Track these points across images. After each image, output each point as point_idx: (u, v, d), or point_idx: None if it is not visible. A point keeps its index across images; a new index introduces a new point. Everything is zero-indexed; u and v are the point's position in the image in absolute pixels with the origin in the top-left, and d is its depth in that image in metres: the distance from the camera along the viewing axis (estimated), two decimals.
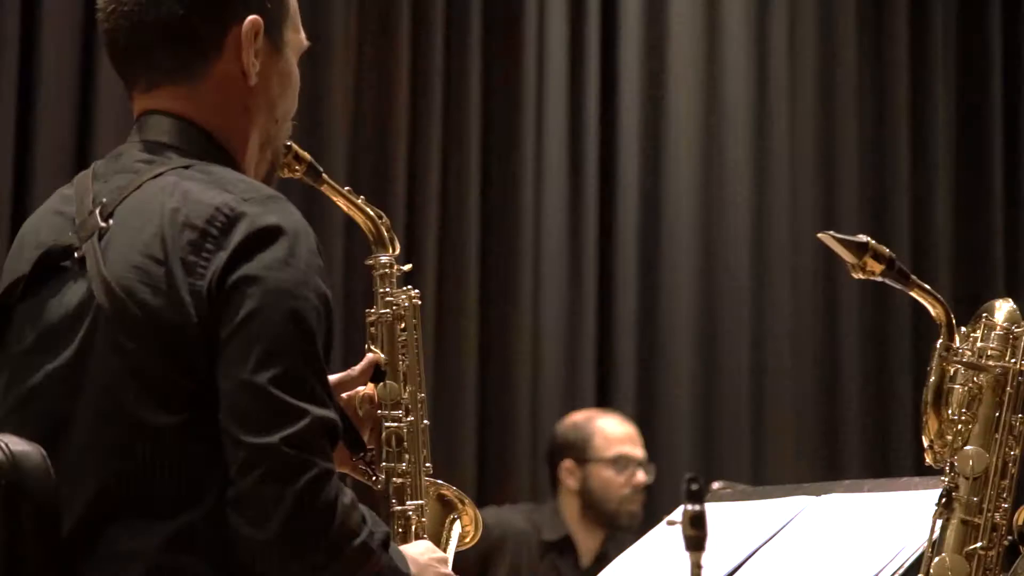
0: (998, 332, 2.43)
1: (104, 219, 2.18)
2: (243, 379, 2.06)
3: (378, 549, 2.12)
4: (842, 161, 6.73)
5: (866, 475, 5.28)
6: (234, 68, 2.26)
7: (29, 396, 2.18)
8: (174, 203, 2.14)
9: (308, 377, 2.09)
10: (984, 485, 2.37)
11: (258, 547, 2.06)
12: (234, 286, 2.08)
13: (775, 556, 2.56)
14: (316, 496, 2.05)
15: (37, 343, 2.19)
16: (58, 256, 2.20)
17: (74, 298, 2.17)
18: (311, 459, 2.05)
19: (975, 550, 2.34)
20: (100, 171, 2.27)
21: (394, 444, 2.44)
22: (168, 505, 2.10)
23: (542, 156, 6.12)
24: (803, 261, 6.57)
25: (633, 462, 5.22)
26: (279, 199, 2.18)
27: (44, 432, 2.15)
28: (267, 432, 2.05)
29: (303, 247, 2.13)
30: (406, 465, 2.44)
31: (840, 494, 2.69)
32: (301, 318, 2.10)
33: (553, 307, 6.08)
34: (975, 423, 2.40)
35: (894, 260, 2.42)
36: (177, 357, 2.10)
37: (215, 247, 2.10)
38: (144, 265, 2.12)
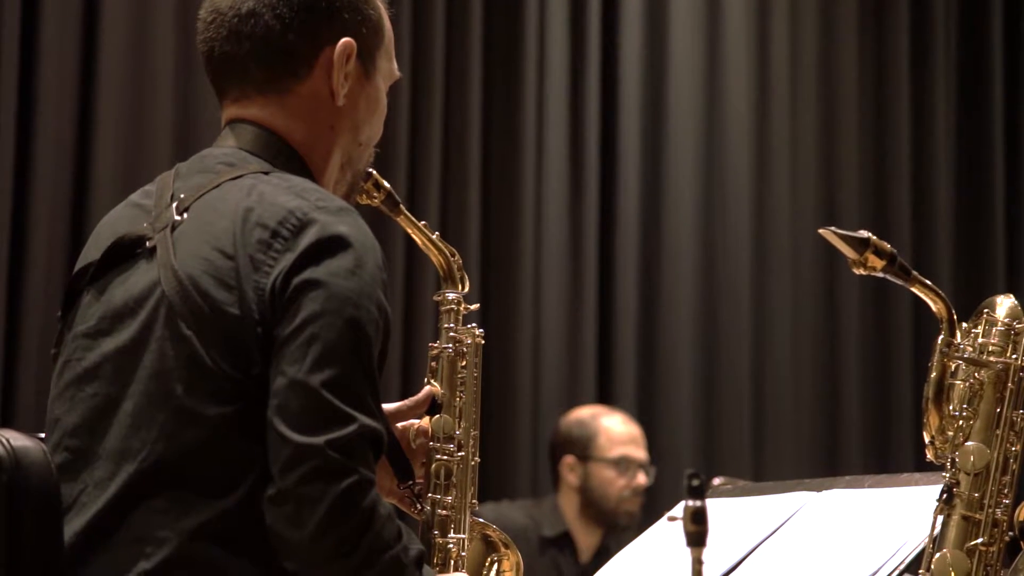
0: (999, 328, 2.43)
1: (180, 213, 2.23)
2: (296, 378, 2.10)
3: (411, 565, 2.15)
4: (843, 156, 6.72)
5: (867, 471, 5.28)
6: (323, 87, 2.33)
7: (83, 376, 2.22)
8: (249, 203, 2.19)
9: (360, 385, 2.13)
10: (985, 481, 2.37)
11: (292, 546, 2.09)
12: (298, 288, 2.13)
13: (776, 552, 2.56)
14: (354, 502, 2.08)
15: (98, 326, 2.24)
16: (130, 245, 2.26)
17: (140, 284, 2.22)
18: (353, 465, 2.09)
19: (976, 546, 2.34)
20: (183, 171, 2.33)
21: (442, 477, 2.47)
22: (200, 495, 2.13)
23: (543, 150, 6.12)
24: (804, 257, 6.57)
25: (635, 464, 5.22)
26: (351, 211, 2.22)
27: (92, 413, 2.20)
28: (314, 433, 2.08)
29: (370, 260, 2.17)
30: (452, 499, 2.47)
31: (841, 490, 2.69)
32: (360, 327, 2.13)
33: (554, 302, 6.08)
34: (976, 419, 2.40)
35: (895, 256, 2.42)
36: (233, 350, 2.13)
37: (283, 248, 2.15)
38: (212, 258, 2.17)
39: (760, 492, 2.81)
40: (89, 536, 2.16)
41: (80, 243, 2.37)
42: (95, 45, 5.11)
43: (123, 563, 2.13)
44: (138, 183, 2.43)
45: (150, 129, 5.15)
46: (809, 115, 6.70)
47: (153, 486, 2.14)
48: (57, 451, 2.21)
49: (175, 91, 5.20)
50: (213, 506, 2.13)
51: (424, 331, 5.55)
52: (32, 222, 4.95)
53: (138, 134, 5.13)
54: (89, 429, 2.20)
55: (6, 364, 4.92)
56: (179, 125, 5.17)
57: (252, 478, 2.12)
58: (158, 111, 5.18)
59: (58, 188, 5.01)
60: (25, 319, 4.91)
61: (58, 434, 2.23)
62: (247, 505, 2.12)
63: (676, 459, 6.01)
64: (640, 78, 6.38)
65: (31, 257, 4.94)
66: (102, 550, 2.15)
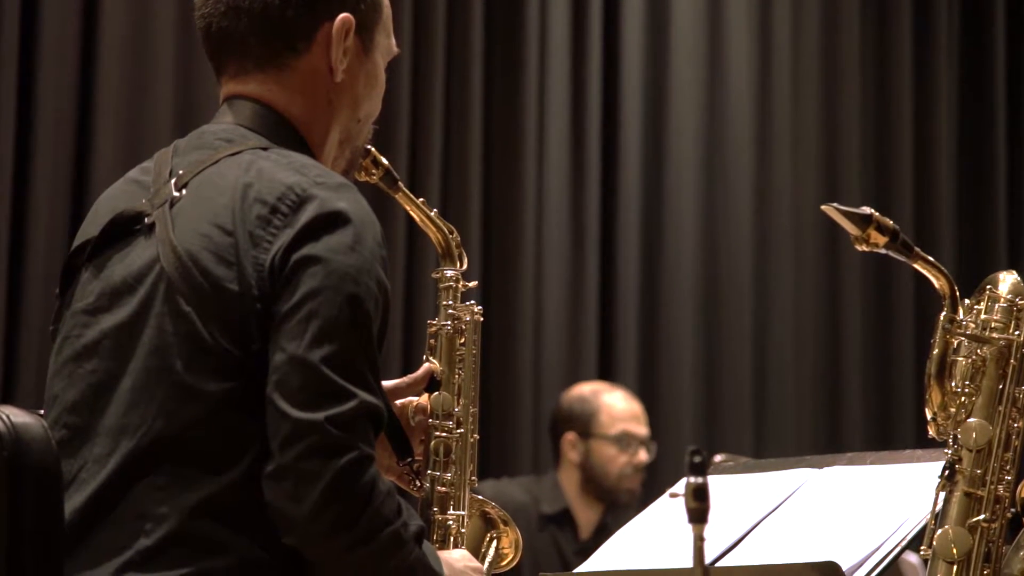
0: (1002, 304, 2.43)
1: (178, 189, 2.23)
2: (296, 354, 2.09)
3: (411, 541, 2.15)
4: (845, 134, 6.72)
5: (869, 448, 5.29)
6: (322, 63, 2.32)
7: (82, 353, 2.22)
8: (248, 179, 2.19)
9: (360, 362, 2.13)
10: (987, 457, 2.37)
11: (292, 521, 2.10)
12: (297, 264, 2.12)
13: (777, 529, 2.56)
14: (354, 478, 2.08)
15: (97, 302, 2.24)
16: (129, 221, 2.25)
17: (139, 260, 2.21)
18: (353, 441, 2.09)
19: (978, 522, 2.34)
20: (181, 147, 2.32)
21: (441, 454, 2.46)
22: (200, 471, 2.13)
23: (544, 129, 6.11)
24: (806, 234, 6.57)
25: (636, 440, 5.22)
26: (350, 187, 2.22)
27: (91, 389, 2.20)
28: (314, 409, 2.08)
29: (369, 236, 2.17)
30: (451, 476, 2.46)
31: (842, 467, 2.69)
32: (360, 303, 2.13)
33: (555, 280, 6.08)
34: (978, 395, 2.40)
35: (898, 232, 2.41)
36: (232, 326, 2.13)
37: (283, 224, 2.14)
38: (212, 234, 2.16)
39: (761, 469, 2.81)
40: (89, 513, 2.16)
41: (81, 220, 2.37)
42: (96, 22, 5.10)
43: (123, 540, 2.13)
44: (139, 160, 2.42)
45: (151, 106, 5.14)
46: (811, 93, 6.69)
47: (152, 462, 2.14)
48: (56, 428, 2.20)
49: (176, 67, 5.19)
50: (213, 482, 2.13)
51: (425, 309, 5.55)
52: (33, 200, 4.95)
53: (139, 111, 5.12)
54: (88, 406, 2.20)
55: (7, 341, 4.92)
56: (180, 102, 5.16)
57: (252, 454, 2.12)
58: (159, 88, 5.17)
59: (59, 166, 5.00)
60: (26, 296, 4.91)
61: (57, 411, 2.23)
62: (247, 481, 2.12)
63: (677, 436, 6.02)
64: (642, 57, 6.37)
65: (32, 234, 4.94)
66: (102, 527, 2.15)
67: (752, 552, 2.51)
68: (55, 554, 2.13)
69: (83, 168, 5.03)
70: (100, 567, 2.13)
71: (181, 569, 2.11)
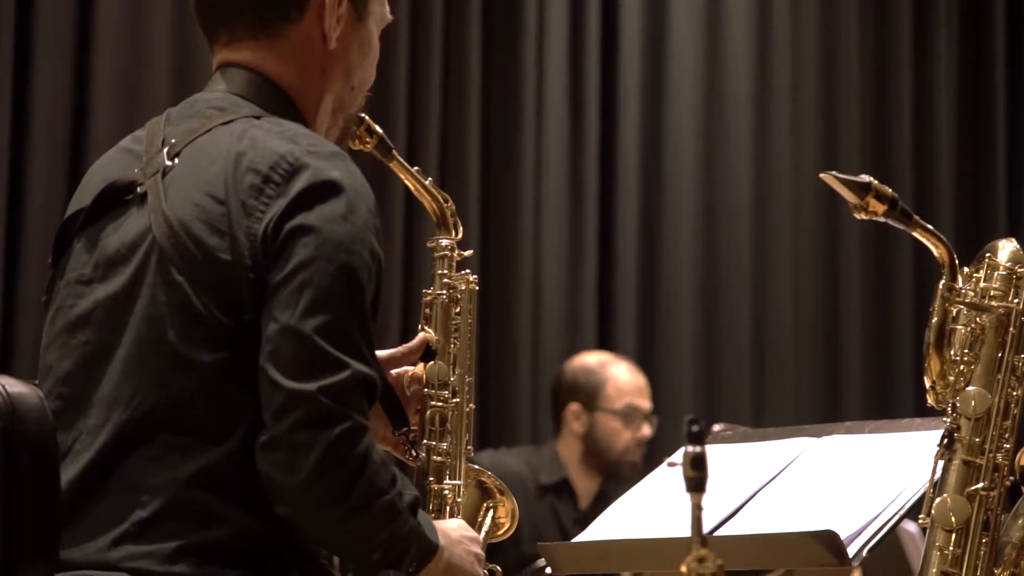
0: (1001, 272, 2.42)
1: (170, 158, 2.22)
2: (288, 325, 2.09)
3: (405, 511, 2.15)
4: (844, 102, 6.70)
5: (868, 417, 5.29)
6: (315, 30, 2.31)
7: (75, 323, 2.22)
8: (240, 148, 2.18)
9: (353, 332, 2.12)
10: (986, 426, 2.36)
11: (285, 492, 2.09)
12: (290, 234, 2.12)
13: (776, 497, 2.56)
14: (347, 448, 2.08)
15: (90, 273, 2.23)
16: (121, 190, 2.25)
17: (132, 231, 2.21)
18: (346, 411, 2.08)
19: (977, 491, 2.34)
20: (173, 116, 2.31)
21: (437, 423, 2.46)
22: (194, 442, 2.13)
23: (543, 101, 6.10)
24: (805, 203, 6.56)
25: (640, 414, 5.22)
26: (344, 156, 2.21)
27: (85, 360, 2.20)
28: (306, 379, 2.07)
29: (362, 205, 2.16)
30: (447, 446, 2.46)
31: (841, 435, 2.69)
32: (353, 273, 2.12)
33: (554, 251, 6.07)
34: (977, 364, 2.39)
35: (896, 200, 2.40)
36: (225, 296, 2.13)
37: (275, 193, 2.14)
38: (204, 203, 2.16)
39: (760, 438, 2.81)
40: (83, 485, 2.15)
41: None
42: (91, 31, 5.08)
43: (119, 512, 2.13)
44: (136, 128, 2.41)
45: (148, 74, 5.12)
46: (810, 61, 6.68)
47: (146, 433, 2.14)
48: (50, 399, 2.20)
49: (173, 37, 5.17)
50: (208, 453, 2.12)
51: (422, 279, 5.54)
52: (30, 170, 4.94)
53: (136, 79, 5.10)
54: (82, 376, 2.19)
55: (4, 312, 4.91)
56: (176, 70, 5.14)
57: (246, 425, 2.12)
58: (155, 56, 5.15)
59: (55, 136, 4.98)
60: (23, 266, 4.90)
61: (51, 382, 2.23)
62: (242, 453, 2.11)
63: (676, 406, 6.02)
64: (641, 27, 6.35)
65: (29, 204, 4.93)
66: (97, 499, 2.15)
67: (751, 521, 2.51)
68: (52, 525, 2.13)
69: (79, 140, 5.01)
70: (96, 540, 2.13)
71: (177, 541, 2.11)
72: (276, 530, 2.14)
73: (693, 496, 1.72)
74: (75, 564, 2.13)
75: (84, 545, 2.14)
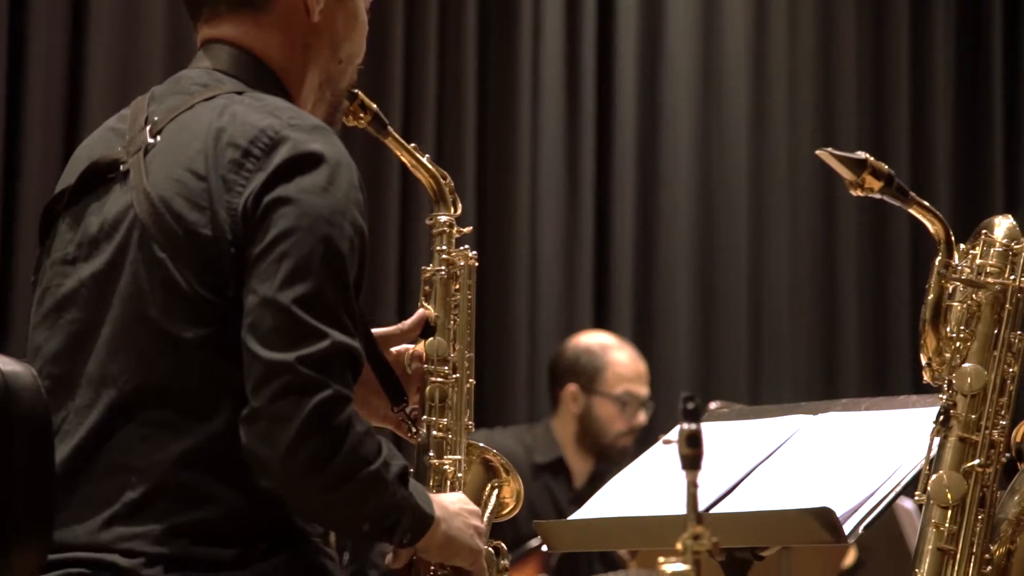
0: (997, 249, 2.42)
1: (153, 135, 2.21)
2: (267, 296, 2.07)
3: (392, 481, 2.12)
4: (842, 78, 6.69)
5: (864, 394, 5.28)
6: (297, 3, 2.29)
7: (62, 303, 2.21)
8: (221, 123, 2.16)
9: (333, 302, 2.10)
10: (982, 402, 2.36)
11: (266, 464, 2.08)
12: (269, 206, 2.10)
13: (772, 475, 2.56)
14: (328, 416, 2.06)
15: (75, 251, 2.22)
16: (104, 168, 2.24)
17: (114, 208, 2.20)
18: (326, 380, 2.06)
19: (973, 467, 2.34)
20: (157, 94, 2.30)
21: (437, 399, 2.44)
22: (182, 420, 2.12)
23: (539, 78, 6.08)
24: (801, 180, 6.55)
25: (636, 401, 5.21)
26: (325, 129, 2.19)
27: (72, 340, 2.19)
28: (285, 349, 2.06)
29: (344, 178, 2.14)
30: (447, 421, 2.44)
31: (837, 413, 2.68)
32: (333, 244, 2.11)
33: (551, 229, 6.06)
34: (973, 340, 2.39)
35: (893, 177, 2.40)
36: (207, 271, 2.12)
37: (255, 167, 2.12)
38: (185, 179, 2.15)
39: (756, 416, 2.81)
40: (73, 465, 2.15)
41: None
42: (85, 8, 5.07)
43: (109, 493, 2.13)
44: None
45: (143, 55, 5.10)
46: (807, 37, 6.66)
47: (134, 412, 2.13)
48: (39, 378, 2.18)
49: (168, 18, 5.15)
50: (196, 431, 2.12)
51: (420, 257, 5.53)
52: (24, 152, 4.92)
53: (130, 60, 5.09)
54: (69, 356, 2.18)
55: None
56: (172, 53, 5.12)
57: (235, 402, 2.10)
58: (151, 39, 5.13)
59: (49, 118, 4.97)
60: (17, 246, 4.89)
61: (39, 362, 2.22)
62: (230, 429, 2.10)
63: (673, 384, 6.01)
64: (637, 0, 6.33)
65: (23, 185, 4.91)
66: (86, 480, 2.14)
67: (747, 499, 2.51)
68: (48, 503, 2.12)
69: (74, 121, 4.99)
70: (86, 521, 2.13)
71: (168, 521, 2.10)
72: (268, 508, 2.13)
73: (689, 473, 1.72)
74: (66, 546, 2.12)
75: (75, 527, 2.13)
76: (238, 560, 2.11)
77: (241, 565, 2.11)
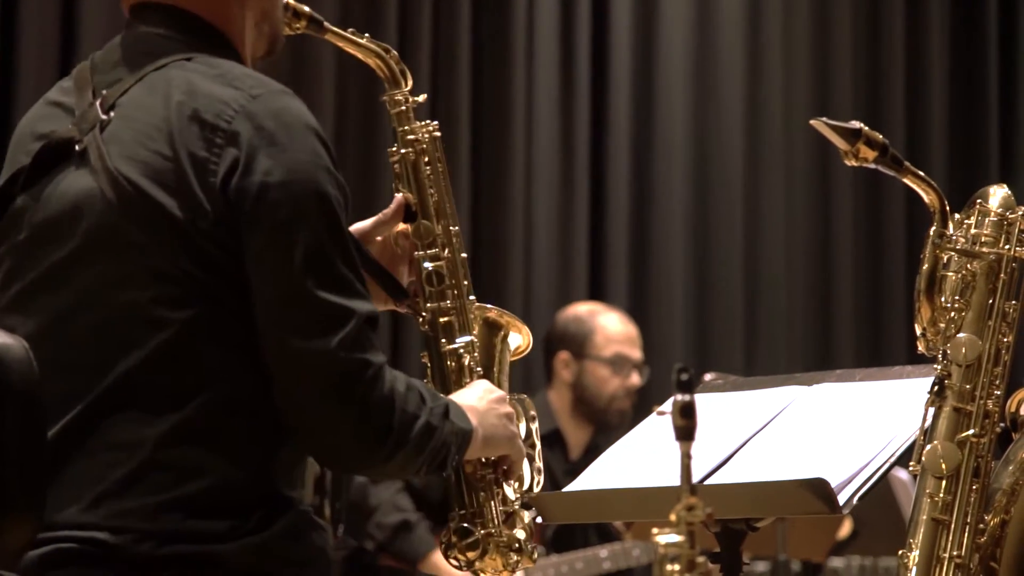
0: (992, 218, 2.41)
1: (105, 111, 2.17)
2: (289, 287, 2.09)
3: (440, 423, 2.19)
4: (837, 47, 6.67)
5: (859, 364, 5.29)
6: None
7: (32, 288, 2.18)
8: (179, 96, 2.14)
9: (346, 273, 2.12)
10: (977, 372, 2.36)
11: (331, 452, 2.16)
12: (260, 194, 2.09)
13: (766, 446, 2.55)
14: (377, 395, 2.10)
15: (39, 235, 2.19)
16: (59, 148, 2.19)
17: (77, 190, 2.16)
18: (365, 358, 2.10)
19: (967, 437, 2.34)
20: (99, 62, 2.26)
21: (435, 283, 2.44)
22: (169, 399, 2.11)
23: (533, 46, 6.07)
24: (796, 150, 6.55)
25: (630, 363, 5.22)
26: (286, 93, 2.17)
27: (48, 323, 2.16)
28: (321, 337, 2.08)
29: (315, 140, 2.14)
30: (450, 302, 2.45)
31: (832, 384, 2.68)
32: (330, 216, 2.12)
33: (546, 200, 6.06)
34: (968, 310, 2.38)
35: (887, 146, 2.39)
36: (184, 252, 2.10)
37: (224, 142, 2.10)
38: (149, 160, 2.12)
39: (751, 387, 2.80)
40: (60, 447, 2.13)
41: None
42: None
43: (98, 470, 2.11)
44: None
45: None
46: (803, 5, 6.64)
47: (119, 396, 2.12)
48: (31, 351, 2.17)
49: None
50: (184, 408, 2.11)
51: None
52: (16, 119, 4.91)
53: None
54: (46, 341, 2.15)
55: None
56: None
57: (220, 377, 2.10)
58: None
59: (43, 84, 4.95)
60: None
61: None
62: (219, 403, 2.10)
63: (667, 355, 6.01)
64: None
65: None
66: (74, 460, 2.13)
67: (741, 470, 2.50)
68: (40, 476, 2.10)
69: None
70: (77, 500, 2.11)
71: (159, 496, 2.10)
72: (259, 479, 2.14)
73: (683, 444, 1.72)
74: (57, 525, 2.11)
75: (64, 506, 2.11)
76: (231, 532, 2.10)
77: (234, 537, 2.10)
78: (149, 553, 2.08)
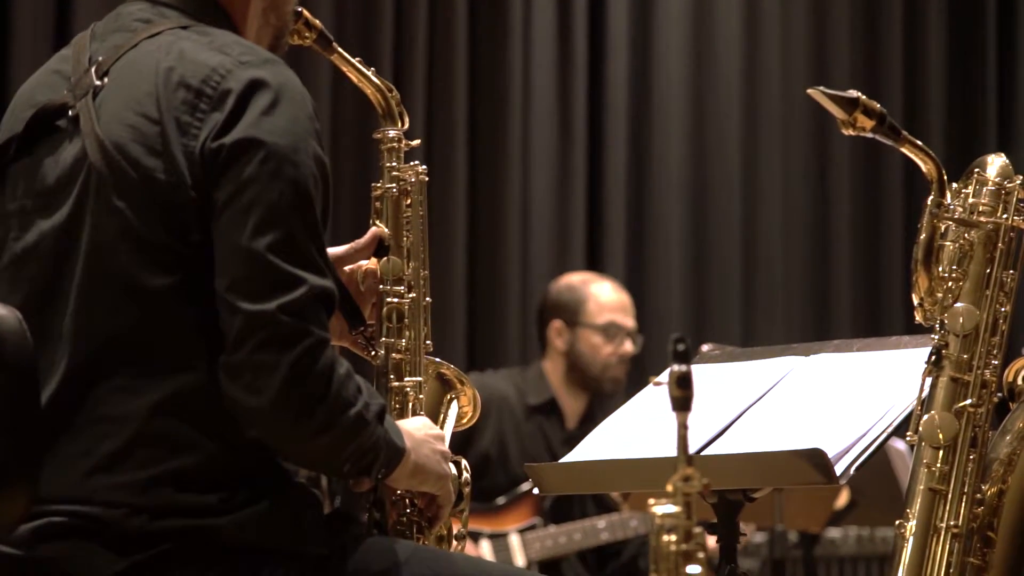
0: (990, 188, 2.40)
1: (99, 77, 2.17)
2: (240, 245, 2.06)
3: (373, 421, 2.13)
4: (834, 16, 6.66)
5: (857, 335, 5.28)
6: None
7: (22, 256, 2.17)
8: (169, 62, 2.12)
9: (306, 245, 2.09)
10: (974, 342, 2.35)
11: (253, 415, 2.07)
12: (231, 150, 2.07)
13: (763, 416, 2.55)
14: (311, 364, 2.05)
15: (32, 203, 2.18)
16: (52, 114, 2.19)
17: (68, 157, 2.16)
18: (307, 327, 2.06)
19: (964, 407, 2.33)
20: (98, 31, 2.25)
21: (395, 320, 2.42)
22: (157, 369, 2.10)
23: (530, 17, 6.05)
24: (794, 119, 6.53)
25: (623, 331, 5.21)
26: (277, 62, 2.16)
27: (36, 293, 2.15)
28: (264, 299, 2.04)
29: (301, 113, 2.12)
30: (406, 342, 2.42)
31: (829, 354, 2.68)
32: (299, 184, 2.09)
33: (543, 171, 6.05)
34: (966, 280, 2.38)
35: (885, 115, 2.38)
36: (170, 218, 2.09)
37: (210, 108, 2.09)
38: (138, 124, 2.11)
39: (748, 357, 2.80)
40: (50, 416, 2.12)
41: None
42: None
43: (87, 444, 2.10)
44: None
45: None
46: None
47: (107, 365, 2.11)
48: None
49: None
50: (173, 380, 2.10)
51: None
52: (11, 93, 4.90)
53: None
54: (34, 310, 2.14)
55: None
56: None
57: (209, 348, 2.09)
58: None
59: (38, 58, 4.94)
60: None
61: None
62: (208, 376, 2.09)
63: (665, 326, 6.01)
64: None
65: None
66: (63, 433, 2.12)
67: (738, 440, 2.50)
68: (34, 447, 2.10)
69: None
70: (67, 474, 2.10)
71: (150, 470, 2.09)
72: (250, 453, 2.12)
73: (679, 415, 1.71)
74: (48, 499, 2.10)
75: (55, 480, 2.10)
76: (222, 505, 2.10)
77: (226, 511, 2.10)
78: (141, 527, 2.07)
